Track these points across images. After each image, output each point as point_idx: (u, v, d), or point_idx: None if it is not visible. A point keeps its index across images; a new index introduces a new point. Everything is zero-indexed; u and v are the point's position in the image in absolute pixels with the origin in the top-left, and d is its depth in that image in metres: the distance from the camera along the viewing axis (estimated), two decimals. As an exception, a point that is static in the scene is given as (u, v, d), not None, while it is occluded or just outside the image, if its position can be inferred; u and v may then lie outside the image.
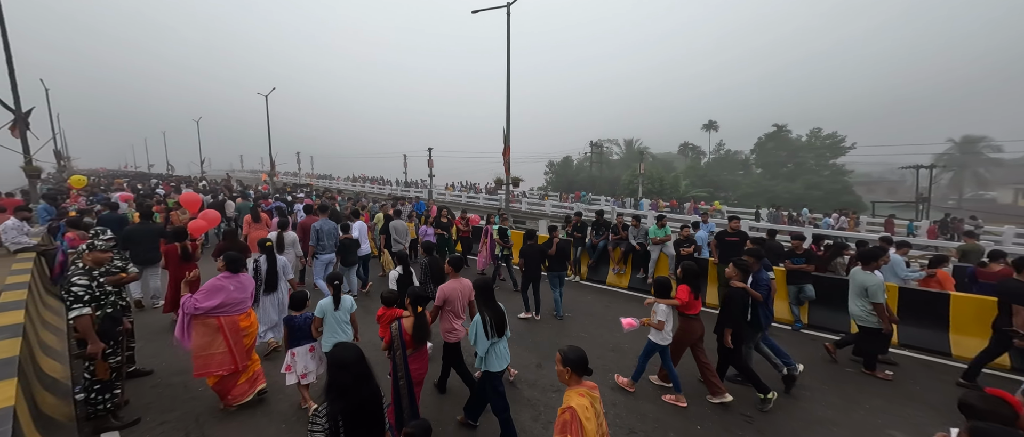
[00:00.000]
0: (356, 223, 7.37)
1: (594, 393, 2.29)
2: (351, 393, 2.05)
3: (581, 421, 2.06)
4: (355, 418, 2.03)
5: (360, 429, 2.05)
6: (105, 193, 16.09)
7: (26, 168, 12.08)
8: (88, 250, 3.77)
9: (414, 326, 3.30)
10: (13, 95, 11.45)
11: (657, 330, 4.07)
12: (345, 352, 2.17)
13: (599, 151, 48.05)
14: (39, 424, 3.08)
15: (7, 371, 2.98)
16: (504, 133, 13.71)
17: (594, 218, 9.15)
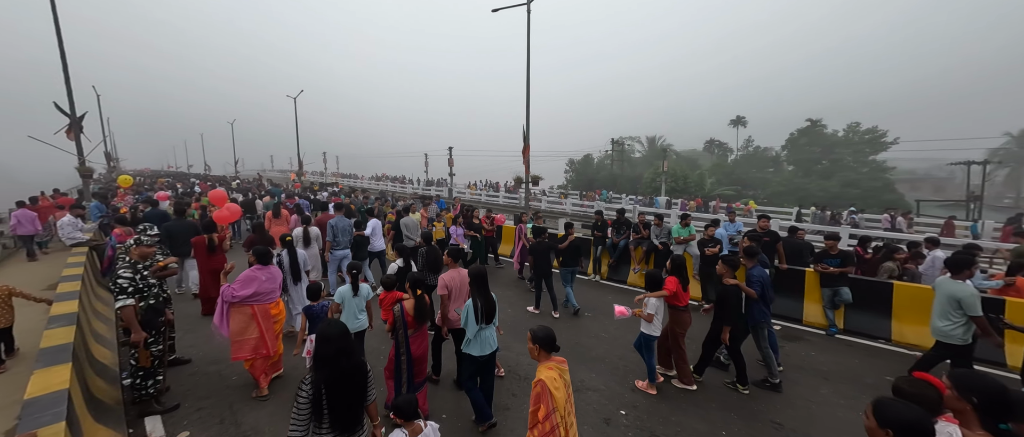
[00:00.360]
0: (371, 221, 7.69)
1: (562, 366, 2.52)
2: (333, 364, 2.20)
3: (550, 391, 2.31)
4: (336, 386, 2.18)
5: (340, 397, 2.19)
6: (149, 192, 17.14)
7: (80, 169, 13.02)
8: (135, 245, 4.02)
9: (415, 307, 3.55)
10: (69, 101, 12.36)
11: (647, 322, 4.22)
12: (329, 328, 2.31)
13: (620, 149, 47.16)
14: (91, 406, 3.32)
15: (63, 356, 3.22)
16: (524, 131, 13.68)
17: (615, 217, 9.02)
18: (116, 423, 3.47)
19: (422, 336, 3.72)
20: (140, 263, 3.93)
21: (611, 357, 5.10)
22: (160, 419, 3.71)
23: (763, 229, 6.67)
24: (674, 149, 49.52)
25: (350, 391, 2.23)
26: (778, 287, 6.63)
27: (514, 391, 4.30)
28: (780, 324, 6.33)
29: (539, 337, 2.52)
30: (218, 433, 3.54)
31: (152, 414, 3.75)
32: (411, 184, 35.69)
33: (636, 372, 4.66)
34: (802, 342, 5.77)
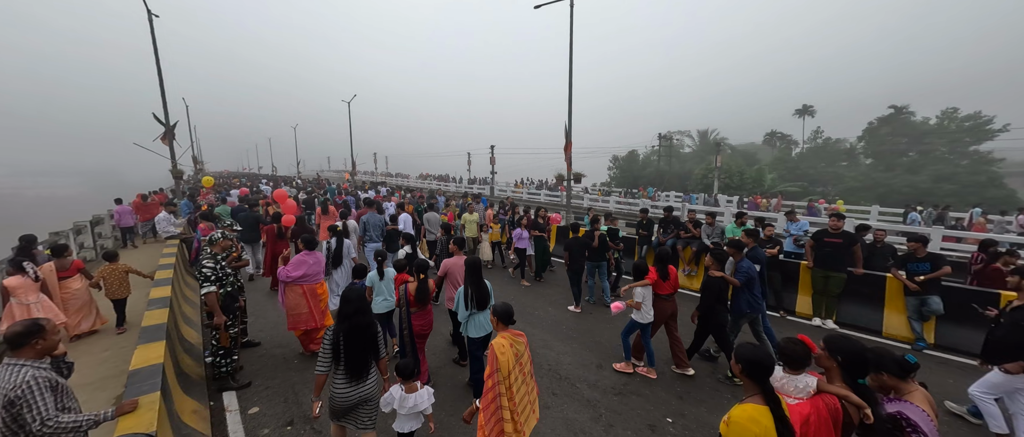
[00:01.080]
0: (402, 216, 8.32)
1: (516, 337, 2.79)
2: (350, 319, 2.75)
3: (496, 354, 2.58)
4: (351, 336, 2.73)
5: (355, 345, 2.73)
6: (227, 191, 19.23)
7: (173, 171, 14.89)
8: (219, 238, 4.53)
9: (417, 289, 4.05)
10: (164, 112, 14.14)
11: (637, 310, 4.42)
12: (351, 291, 2.88)
13: (669, 144, 44.85)
14: (180, 380, 3.79)
15: (158, 334, 3.70)
16: (566, 127, 13.48)
17: (662, 215, 8.61)
18: (200, 396, 3.93)
19: (425, 315, 4.13)
20: (221, 255, 4.41)
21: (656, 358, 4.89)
22: (235, 395, 4.14)
23: (835, 229, 6.00)
24: (729, 143, 46.14)
25: (361, 342, 2.75)
26: (854, 295, 5.97)
27: (554, 390, 4.27)
28: (855, 336, 5.69)
29: (497, 311, 2.85)
30: (282, 411, 3.88)
31: (228, 390, 4.20)
32: (454, 182, 36.62)
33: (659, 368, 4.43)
34: None
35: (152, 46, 13.78)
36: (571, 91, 13.37)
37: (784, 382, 2.14)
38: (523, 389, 2.73)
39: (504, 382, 2.55)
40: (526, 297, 7.36)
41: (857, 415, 1.99)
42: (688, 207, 12.94)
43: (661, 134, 43.05)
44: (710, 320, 4.43)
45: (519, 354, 2.72)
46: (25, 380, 1.99)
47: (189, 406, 3.56)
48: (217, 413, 3.84)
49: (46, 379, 2.06)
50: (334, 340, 2.70)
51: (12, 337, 2.08)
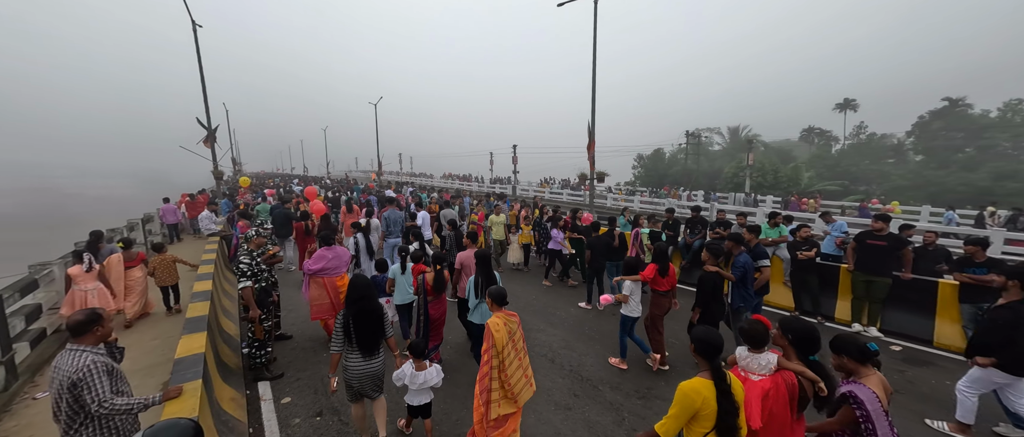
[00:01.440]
0: (420, 213, 8.81)
1: (510, 317, 3.03)
2: (357, 303, 3.09)
3: (492, 331, 2.86)
4: (359, 318, 3.07)
5: (364, 326, 3.07)
6: (262, 191, 20.23)
7: (214, 172, 15.79)
8: (254, 236, 4.77)
9: (434, 279, 4.45)
10: (206, 117, 15.00)
11: (625, 304, 4.55)
12: (359, 279, 3.22)
13: (697, 141, 43.32)
14: (219, 369, 4.01)
15: (200, 326, 3.94)
16: (589, 126, 13.31)
17: (689, 215, 8.34)
18: (237, 384, 4.15)
19: (441, 302, 4.56)
20: (256, 251, 4.64)
21: (681, 362, 4.74)
22: (269, 385, 4.35)
23: (878, 231, 5.62)
24: (761, 139, 44.10)
25: (369, 323, 3.09)
26: (900, 301, 5.57)
27: (576, 392, 4.22)
28: (901, 344, 5.32)
29: (491, 294, 3.12)
30: (312, 402, 4.05)
31: (263, 380, 4.42)
32: (476, 182, 36.92)
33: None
34: (930, 367, 4.78)
35: (196, 55, 14.68)
36: (594, 89, 13.18)
37: (748, 360, 2.31)
38: (515, 362, 3.00)
39: (498, 357, 2.86)
40: (547, 296, 7.33)
41: (812, 389, 2.22)
42: (716, 207, 12.47)
43: (689, 131, 41.70)
44: (706, 315, 4.33)
45: (512, 332, 2.99)
46: (86, 364, 2.16)
47: (227, 394, 3.76)
48: (252, 401, 4.04)
49: (103, 364, 2.24)
50: (344, 322, 3.06)
51: (74, 325, 2.27)
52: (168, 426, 1.75)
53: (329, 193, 17.38)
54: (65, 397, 2.13)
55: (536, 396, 4.08)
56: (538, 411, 3.87)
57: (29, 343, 4.87)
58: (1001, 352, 3.21)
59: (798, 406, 2.20)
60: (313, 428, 3.65)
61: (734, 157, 37.64)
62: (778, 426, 2.11)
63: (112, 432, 2.26)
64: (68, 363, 2.16)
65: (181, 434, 1.73)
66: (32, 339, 4.96)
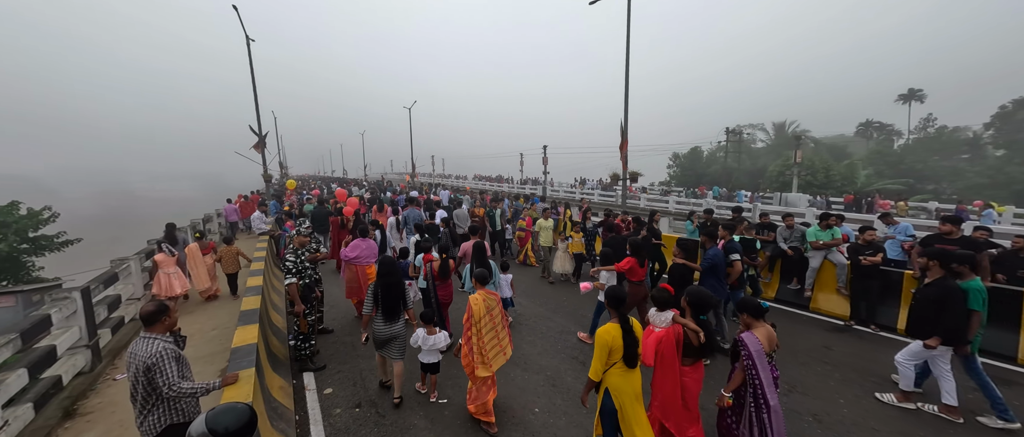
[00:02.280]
0: (439, 211, 9.51)
1: (489, 295, 3.70)
2: (384, 278, 3.92)
3: (471, 305, 3.55)
4: (385, 290, 3.89)
5: (388, 296, 3.90)
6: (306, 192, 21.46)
7: (264, 175, 16.93)
8: (296, 234, 5.08)
9: (439, 266, 5.08)
10: (257, 123, 16.10)
11: (601, 290, 4.90)
12: (387, 260, 4.07)
13: (738, 138, 41.03)
14: (270, 359, 4.30)
15: (253, 318, 4.24)
16: (622, 126, 13.02)
17: (730, 216, 7.93)
18: (285, 374, 4.44)
19: (447, 287, 5.20)
20: (300, 250, 4.94)
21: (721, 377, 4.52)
22: (313, 375, 4.61)
23: (949, 234, 5.07)
24: (811, 135, 41.07)
25: (392, 294, 3.92)
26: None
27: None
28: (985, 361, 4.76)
29: (475, 274, 3.89)
30: (351, 394, 4.25)
31: (307, 370, 4.69)
32: (507, 183, 37.10)
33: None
34: (1015, 388, 4.25)
35: (249, 67, 15.82)
36: (627, 88, 12.87)
37: (655, 317, 3.09)
38: (491, 333, 3.61)
39: (476, 326, 3.52)
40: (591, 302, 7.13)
41: (695, 338, 2.93)
42: (760, 208, 11.78)
43: (729, 128, 39.60)
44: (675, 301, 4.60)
45: (490, 308, 3.65)
46: (158, 350, 2.40)
47: (276, 382, 4.03)
48: (298, 391, 4.30)
49: (172, 351, 2.47)
50: (374, 292, 3.92)
51: (146, 315, 2.53)
52: (227, 409, 1.90)
53: (365, 194, 18.25)
54: (141, 380, 2.37)
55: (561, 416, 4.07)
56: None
57: (111, 329, 5.46)
58: (934, 326, 3.60)
59: (684, 350, 2.95)
60: (352, 418, 3.83)
61: (779, 154, 35.37)
62: (668, 362, 2.94)
63: (178, 413, 2.50)
64: (143, 349, 2.41)
65: (239, 417, 1.87)
66: (113, 326, 5.55)
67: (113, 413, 3.97)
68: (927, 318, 3.65)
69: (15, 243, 13.85)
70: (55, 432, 3.68)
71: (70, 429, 3.75)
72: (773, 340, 2.82)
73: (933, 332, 3.58)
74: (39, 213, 15.28)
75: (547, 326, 5.96)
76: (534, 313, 6.49)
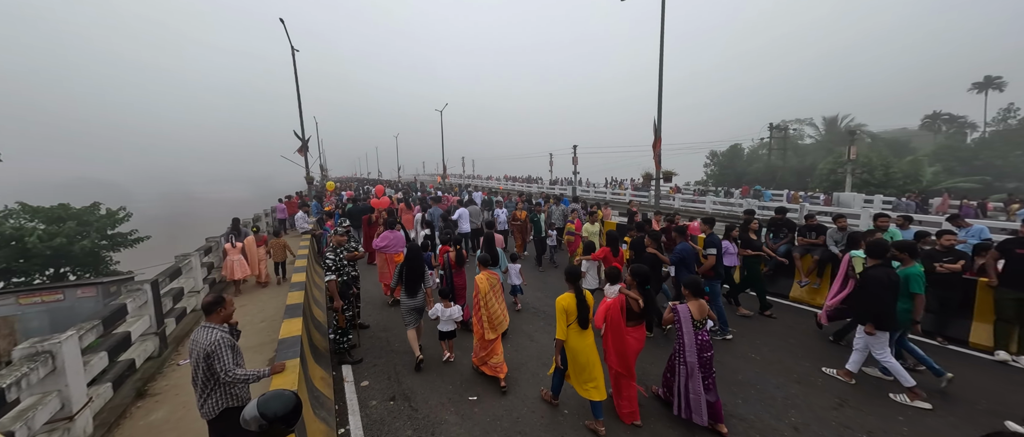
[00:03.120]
0: (459, 210, 10.10)
1: (491, 275, 4.71)
2: (408, 261, 4.96)
3: (478, 284, 4.50)
4: (409, 270, 4.92)
5: (411, 274, 4.91)
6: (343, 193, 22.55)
7: (306, 177, 17.94)
8: (334, 234, 5.35)
9: (455, 255, 5.74)
10: (301, 129, 17.07)
11: (582, 279, 4.95)
12: (413, 246, 5.20)
13: (783, 134, 38.50)
14: (312, 350, 4.56)
15: (297, 312, 4.52)
16: (655, 124, 12.64)
17: (773, 216, 7.49)
18: (326, 366, 4.69)
19: (461, 273, 5.78)
20: (338, 248, 5.20)
21: (769, 386, 4.29)
22: (351, 368, 4.85)
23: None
24: (867, 129, 37.83)
25: (413, 273, 4.92)
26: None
27: (640, 402, 4.05)
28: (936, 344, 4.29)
29: (480, 259, 4.84)
30: (386, 387, 4.42)
31: (346, 363, 4.94)
32: (537, 184, 36.99)
33: (802, 406, 3.81)
34: (967, 366, 3.85)
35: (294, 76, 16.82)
36: (661, 85, 12.48)
37: (607, 289, 3.88)
38: (496, 303, 4.57)
39: (483, 298, 4.45)
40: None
41: (636, 305, 3.65)
42: (806, 208, 11.03)
43: (773, 124, 37.30)
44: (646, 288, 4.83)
45: (492, 285, 4.65)
46: (217, 339, 2.63)
47: (318, 373, 4.27)
48: (337, 382, 4.53)
49: (228, 340, 2.70)
50: (400, 270, 5.01)
51: (206, 306, 2.78)
52: (276, 395, 2.05)
53: (397, 194, 19.08)
54: (201, 365, 2.60)
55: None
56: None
57: (175, 319, 6.01)
58: (866, 314, 3.98)
59: (628, 315, 3.63)
60: (387, 411, 3.99)
61: (830, 151, 32.89)
62: (614, 325, 3.55)
63: (233, 398, 2.72)
64: (203, 338, 2.64)
65: (286, 403, 2.02)
66: (177, 315, 6.11)
67: (177, 395, 4.37)
68: (863, 302, 4.08)
69: (96, 240, 15.54)
70: (129, 410, 4.10)
71: (141, 408, 4.17)
72: (705, 311, 3.50)
73: (865, 318, 3.99)
74: (116, 213, 17.06)
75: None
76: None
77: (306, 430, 2.97)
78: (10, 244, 13.71)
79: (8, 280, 13.70)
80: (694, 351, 3.35)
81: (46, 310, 9.66)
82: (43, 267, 14.37)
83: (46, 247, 13.71)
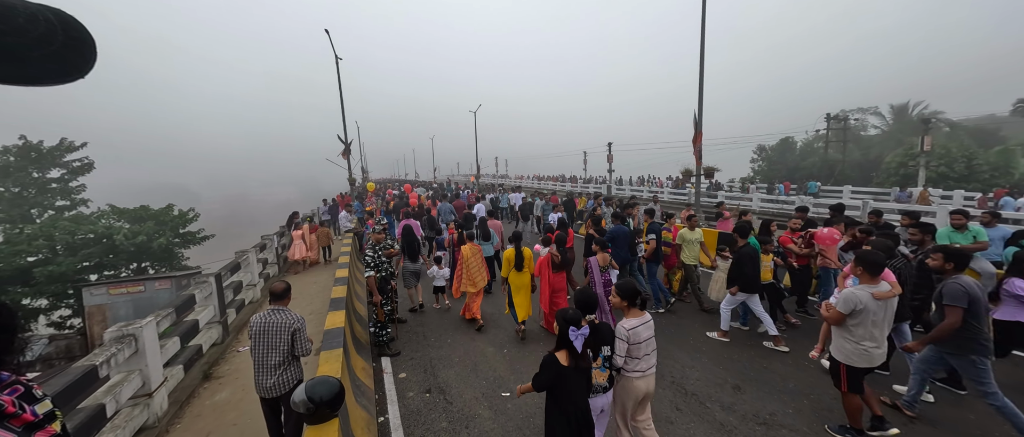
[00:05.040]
0: (477, 205, 11.39)
1: (475, 248, 6.09)
2: (405, 236, 6.71)
3: (463, 252, 5.96)
4: (405, 240, 6.65)
5: (409, 245, 6.57)
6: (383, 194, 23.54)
7: (349, 179, 18.89)
8: (372, 232, 5.60)
9: (458, 236, 6.91)
10: (344, 132, 18.01)
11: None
12: (406, 228, 7.09)
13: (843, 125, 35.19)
14: (354, 342, 4.81)
15: (340, 305, 4.77)
16: (695, 117, 12.05)
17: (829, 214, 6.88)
18: (366, 357, 4.92)
19: (461, 251, 6.42)
20: (376, 246, 5.43)
21: (820, 407, 3.97)
22: (389, 360, 5.05)
23: None
24: (945, 117, 33.78)
25: (411, 245, 6.53)
26: None
27: (679, 406, 3.90)
28: None
29: (468, 235, 6.23)
30: (422, 379, 4.57)
31: (384, 356, 5.15)
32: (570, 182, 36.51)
33: (861, 423, 3.49)
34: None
35: (337, 82, 17.78)
36: (702, 75, 11.88)
37: (541, 249, 5.98)
38: (475, 266, 5.94)
39: (466, 263, 5.86)
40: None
41: (555, 258, 5.25)
42: (870, 205, 10.05)
43: (831, 114, 34.28)
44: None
45: (475, 253, 6.00)
46: (300, 318, 3.04)
47: (359, 364, 4.49)
48: (376, 373, 4.75)
49: (304, 321, 3.11)
50: (402, 247, 6.59)
51: (281, 292, 3.16)
52: (322, 381, 2.19)
53: (427, 192, 20.04)
54: (285, 340, 2.95)
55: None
56: (635, 420, 3.70)
57: (235, 309, 6.55)
58: (738, 280, 5.07)
59: (554, 266, 5.21)
60: (423, 403, 4.12)
61: (899, 142, 29.75)
62: (548, 273, 5.17)
63: (296, 376, 3.06)
64: (284, 318, 2.98)
65: (331, 388, 2.15)
66: (237, 306, 6.66)
67: (238, 378, 4.77)
68: (735, 275, 5.16)
69: (170, 238, 17.32)
70: (197, 391, 4.54)
71: (208, 389, 4.59)
72: (607, 260, 4.86)
73: (732, 283, 5.17)
74: (186, 214, 18.91)
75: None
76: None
77: (349, 416, 3.14)
78: (102, 241, 15.61)
79: (100, 273, 15.62)
80: (600, 285, 4.75)
81: (131, 299, 10.91)
82: (128, 262, 16.24)
83: (130, 244, 15.47)
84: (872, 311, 3.03)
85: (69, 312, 15.43)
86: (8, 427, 0.60)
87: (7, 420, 0.60)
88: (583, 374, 2.53)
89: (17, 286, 15.07)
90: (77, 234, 15.47)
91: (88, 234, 15.68)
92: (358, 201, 16.56)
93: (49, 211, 19.21)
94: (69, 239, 15.22)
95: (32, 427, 0.63)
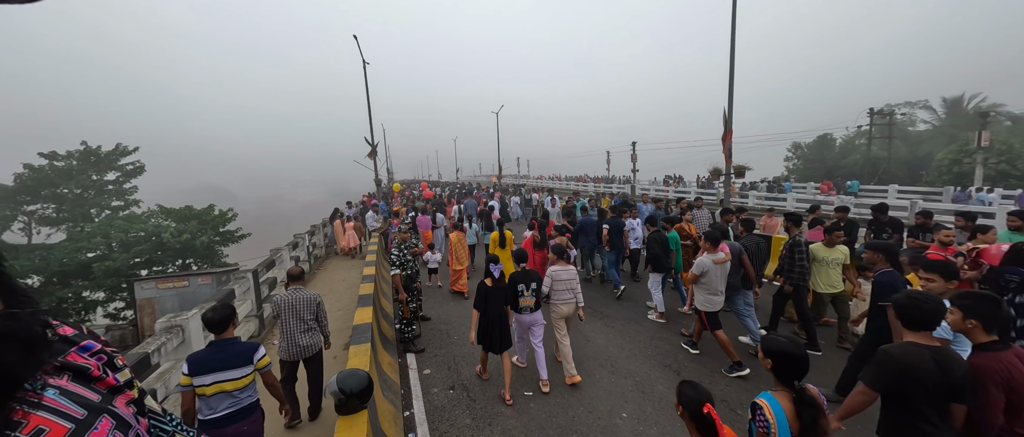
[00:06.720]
0: (491, 201, 12.76)
1: (461, 234, 7.76)
2: (410, 226, 8.16)
3: (451, 238, 7.70)
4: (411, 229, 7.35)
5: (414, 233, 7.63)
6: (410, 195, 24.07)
7: (376, 180, 19.43)
8: (397, 231, 5.75)
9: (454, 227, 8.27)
10: (371, 135, 18.54)
11: None
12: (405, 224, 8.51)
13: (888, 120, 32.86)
14: (380, 337, 4.95)
15: (368, 302, 4.92)
16: (725, 114, 11.64)
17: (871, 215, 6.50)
18: (392, 352, 5.06)
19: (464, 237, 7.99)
20: (402, 245, 5.57)
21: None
22: (414, 357, 5.17)
23: None
24: (1006, 110, 31.02)
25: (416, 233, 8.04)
26: None
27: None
28: None
29: (456, 225, 8.10)
30: (446, 376, 4.65)
31: (410, 352, 5.28)
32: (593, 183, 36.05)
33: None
34: None
35: (365, 86, 18.34)
36: (732, 71, 11.47)
37: (526, 235, 7.30)
38: (460, 249, 7.50)
39: (454, 246, 7.52)
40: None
41: (537, 239, 6.54)
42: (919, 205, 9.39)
43: (874, 109, 32.17)
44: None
45: (460, 238, 7.55)
46: (317, 294, 3.60)
47: (386, 359, 4.63)
48: (402, 369, 4.87)
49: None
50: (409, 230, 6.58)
51: (297, 274, 3.75)
52: (351, 373, 2.28)
53: (446, 191, 20.42)
54: (312, 310, 3.58)
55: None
56: (660, 424, 3.63)
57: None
58: (649, 261, 6.18)
59: (536, 245, 6.39)
60: (447, 399, 4.20)
61: (952, 138, 27.60)
62: (531, 252, 6.20)
63: (319, 341, 3.72)
64: (306, 294, 3.59)
65: (360, 381, 2.23)
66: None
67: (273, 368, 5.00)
68: (653, 257, 6.06)
69: (212, 236, 18.40)
70: (237, 379, 4.80)
71: (246, 378, 4.85)
72: (564, 242, 5.36)
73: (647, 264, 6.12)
74: (226, 213, 20.03)
75: (636, 330, 5.69)
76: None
77: (377, 409, 3.24)
78: (151, 239, 16.79)
79: (150, 268, 16.80)
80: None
81: (176, 294, 11.67)
82: (174, 258, 17.38)
83: (176, 242, 16.55)
84: (713, 272, 4.32)
85: (123, 304, 16.70)
86: (94, 388, 0.68)
87: (93, 382, 0.68)
88: (500, 292, 4.06)
89: (79, 280, 16.45)
90: (130, 232, 16.73)
91: (139, 232, 16.92)
92: (383, 202, 17.02)
93: (106, 211, 20.84)
94: (123, 237, 16.49)
95: (114, 390, 0.71)
